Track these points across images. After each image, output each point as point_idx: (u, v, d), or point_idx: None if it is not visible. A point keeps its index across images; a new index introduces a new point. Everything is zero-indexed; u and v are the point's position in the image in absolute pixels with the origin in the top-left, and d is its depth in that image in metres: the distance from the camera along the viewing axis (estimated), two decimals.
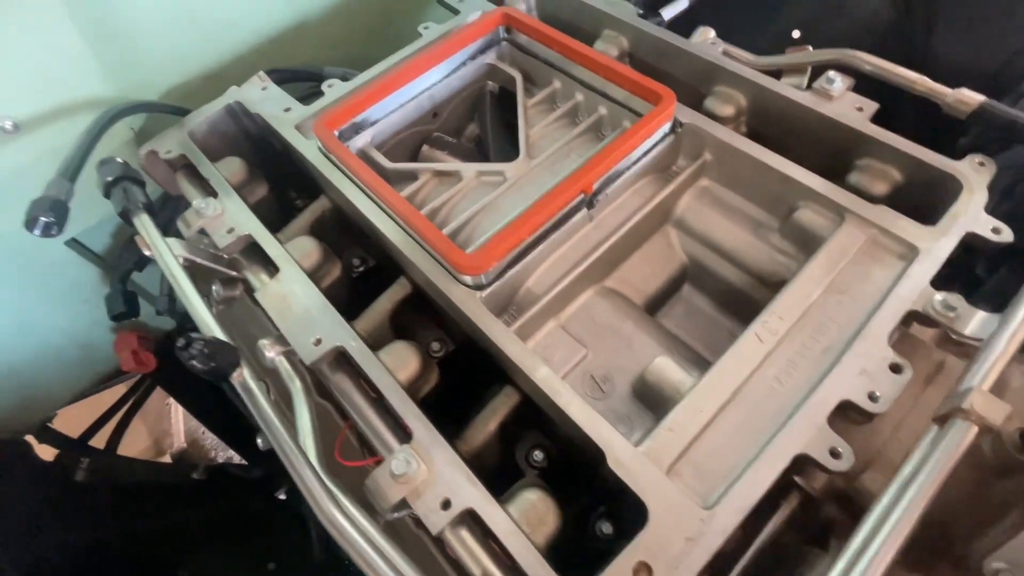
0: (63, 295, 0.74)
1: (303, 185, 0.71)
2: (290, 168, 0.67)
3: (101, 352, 0.82)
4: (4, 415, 0.78)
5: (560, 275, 0.51)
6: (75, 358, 0.81)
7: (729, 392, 0.40)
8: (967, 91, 0.51)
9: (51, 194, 0.45)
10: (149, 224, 0.49)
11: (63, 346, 0.78)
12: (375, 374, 0.44)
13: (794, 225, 0.51)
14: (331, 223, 0.65)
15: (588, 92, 0.63)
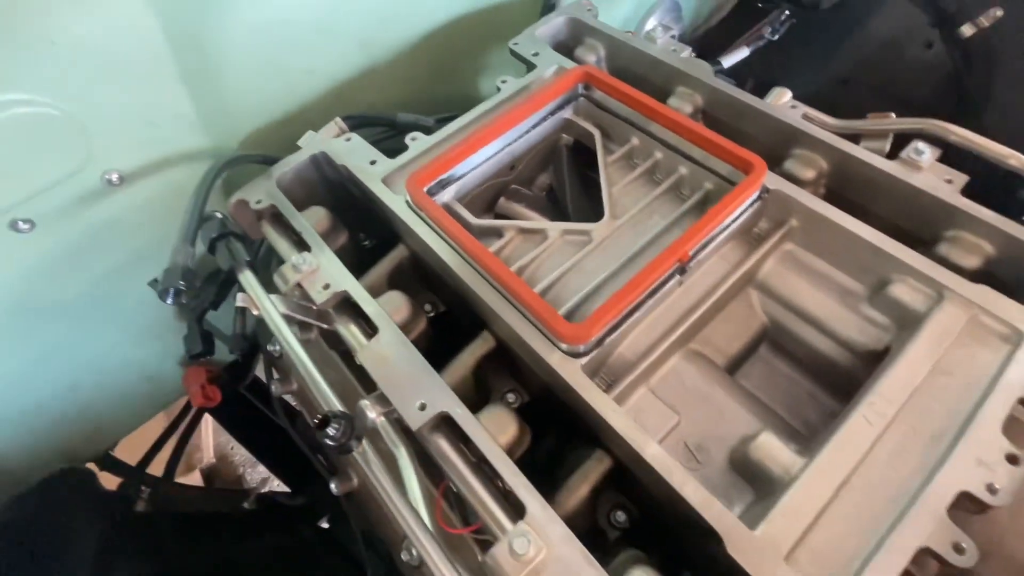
0: (140, 332, 0.76)
1: (374, 228, 0.72)
2: (365, 213, 0.69)
3: (168, 385, 0.84)
4: (71, 445, 0.80)
5: (652, 341, 0.52)
6: (143, 391, 0.82)
7: (842, 476, 0.40)
8: None
9: (179, 262, 0.47)
10: (254, 282, 0.51)
11: (133, 380, 0.80)
12: (480, 440, 0.45)
13: (888, 298, 0.51)
14: (408, 270, 0.67)
15: (667, 151, 0.64)
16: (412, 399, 0.47)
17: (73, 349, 0.69)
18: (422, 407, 0.46)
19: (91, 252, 0.62)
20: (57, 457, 0.79)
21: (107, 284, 0.66)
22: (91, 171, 0.55)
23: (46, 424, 0.74)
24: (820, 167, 0.61)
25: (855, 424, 0.43)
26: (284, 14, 0.67)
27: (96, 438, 0.82)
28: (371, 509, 0.62)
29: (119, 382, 0.79)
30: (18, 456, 0.75)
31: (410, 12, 0.80)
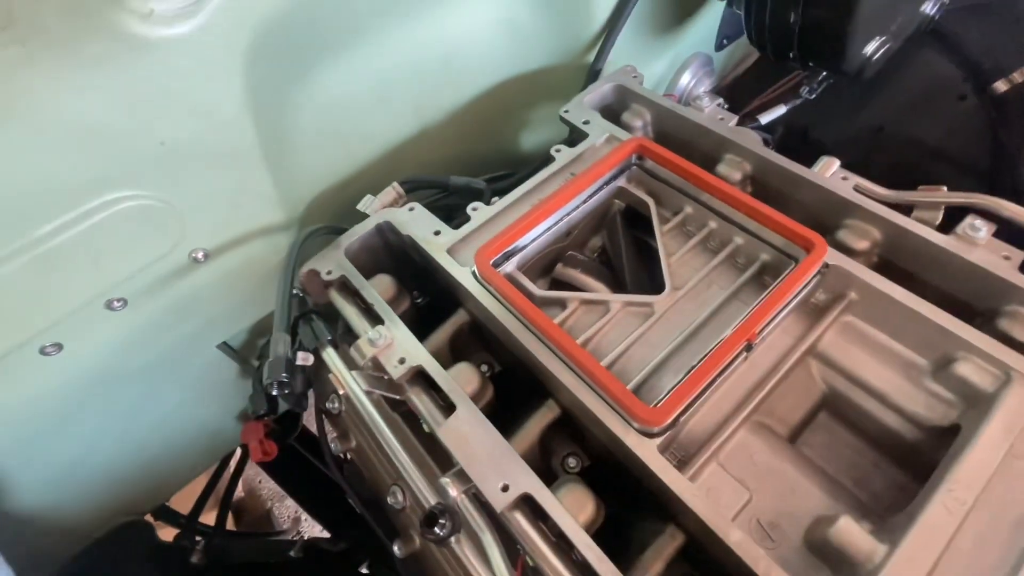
0: (205, 392, 0.78)
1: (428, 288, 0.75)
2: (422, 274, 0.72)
3: (226, 439, 0.87)
4: (133, 499, 0.82)
5: (721, 417, 0.53)
6: (203, 446, 0.85)
7: (928, 567, 0.41)
8: None
9: (281, 353, 0.50)
10: (337, 360, 0.53)
11: (195, 436, 0.83)
12: (563, 521, 0.46)
13: (954, 376, 0.52)
14: (466, 333, 0.69)
15: (721, 221, 0.66)
16: (494, 479, 0.49)
17: (144, 411, 0.72)
18: (504, 488, 0.48)
19: (172, 323, 0.65)
20: (119, 511, 0.81)
21: (181, 350, 0.69)
22: (180, 251, 0.59)
23: (112, 482, 0.77)
24: (874, 238, 0.63)
25: (935, 512, 0.43)
26: (347, 90, 0.71)
27: (157, 491, 0.85)
28: (437, 573, 0.63)
29: (182, 439, 0.81)
30: (84, 512, 0.77)
31: (460, 78, 0.84)
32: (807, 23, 0.68)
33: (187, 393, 0.76)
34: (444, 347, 0.68)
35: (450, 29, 0.79)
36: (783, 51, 0.76)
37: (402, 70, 0.78)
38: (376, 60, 0.73)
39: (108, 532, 0.80)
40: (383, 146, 0.84)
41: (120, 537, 0.82)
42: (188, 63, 0.47)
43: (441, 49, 0.80)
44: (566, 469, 0.61)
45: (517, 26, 0.83)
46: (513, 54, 0.87)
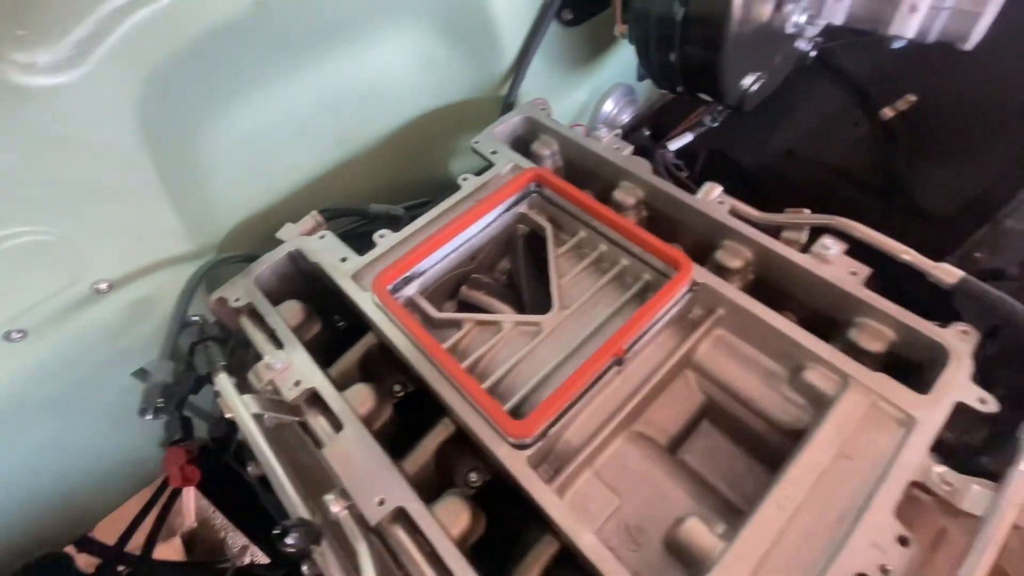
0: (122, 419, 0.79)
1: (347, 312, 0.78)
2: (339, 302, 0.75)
3: (148, 466, 0.87)
4: (53, 531, 0.82)
5: (594, 428, 0.57)
6: (124, 474, 0.85)
7: (756, 560, 0.45)
8: (947, 266, 0.59)
9: (159, 379, 0.52)
10: (228, 385, 0.56)
11: (114, 463, 0.83)
12: (432, 534, 0.49)
13: (803, 382, 0.57)
14: (376, 355, 0.72)
15: (610, 245, 0.71)
16: (371, 495, 0.51)
17: (60, 441, 0.73)
18: (381, 502, 0.51)
19: (79, 353, 0.66)
20: (37, 543, 0.80)
21: (94, 380, 0.70)
22: (82, 283, 0.61)
23: (29, 515, 0.76)
24: (747, 257, 0.68)
25: (768, 510, 0.47)
26: (264, 125, 0.75)
27: (78, 521, 0.84)
28: None
29: (102, 467, 0.82)
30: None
31: (380, 112, 0.89)
32: (685, 62, 0.75)
33: (103, 422, 0.77)
34: (353, 369, 0.70)
35: (368, 65, 0.83)
36: (672, 85, 0.82)
37: (321, 105, 0.82)
38: (293, 96, 0.77)
39: (24, 566, 0.80)
40: (306, 177, 0.88)
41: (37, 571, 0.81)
42: (76, 108, 0.50)
43: (360, 84, 0.85)
44: (468, 484, 0.64)
45: (433, 61, 0.88)
46: (432, 88, 0.92)
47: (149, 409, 0.50)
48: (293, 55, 0.72)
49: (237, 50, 0.62)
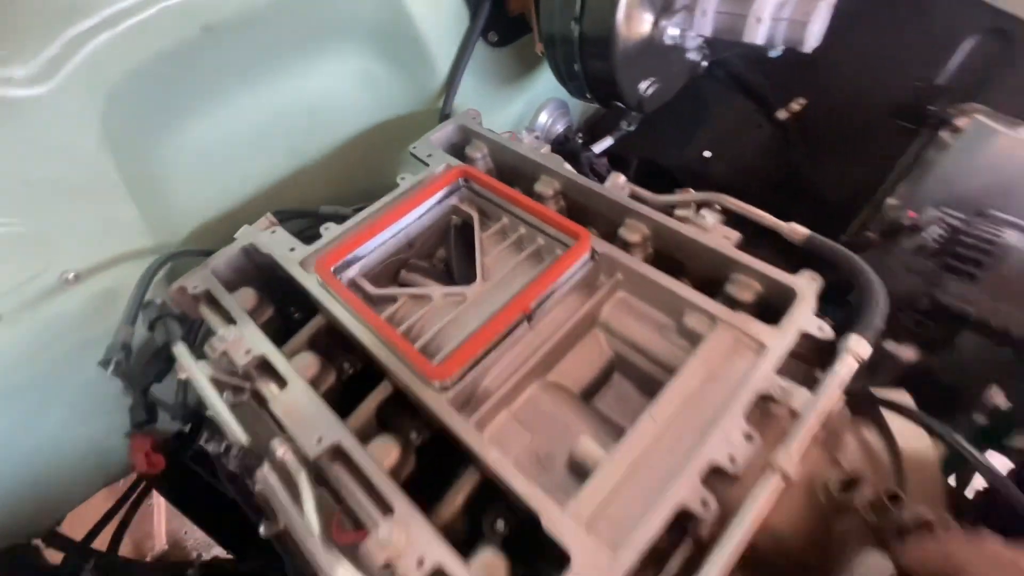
0: (89, 409, 0.85)
1: (301, 303, 0.86)
2: (292, 291, 0.83)
3: (115, 457, 0.92)
4: (16, 521, 0.86)
5: (508, 374, 0.66)
6: (90, 464, 0.90)
7: (630, 463, 0.54)
8: (796, 225, 0.71)
9: (120, 339, 0.59)
10: (186, 352, 0.63)
11: (80, 454, 0.88)
12: (364, 463, 0.57)
13: (684, 327, 0.68)
14: (326, 336, 0.80)
15: (528, 227, 0.81)
16: (312, 435, 0.59)
17: (26, 429, 0.78)
18: (319, 440, 0.59)
19: (47, 341, 0.73)
20: (2, 535, 0.84)
21: (61, 368, 0.77)
22: (51, 273, 0.68)
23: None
24: (644, 232, 0.79)
25: (643, 423, 0.57)
26: (219, 136, 0.84)
27: (43, 514, 0.88)
28: (295, 548, 0.71)
29: (68, 458, 0.86)
30: None
31: (327, 125, 0.99)
32: (586, 72, 0.87)
33: (70, 411, 0.82)
34: (303, 347, 0.78)
35: (313, 83, 0.94)
36: (583, 93, 0.95)
37: (272, 120, 0.92)
38: (245, 111, 0.87)
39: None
40: (261, 184, 0.97)
41: (3, 561, 0.85)
42: (46, 116, 0.58)
43: (308, 101, 0.95)
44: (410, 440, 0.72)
45: (373, 79, 0.99)
46: (373, 103, 1.03)
47: (110, 363, 0.57)
48: (242, 75, 0.82)
49: (188, 70, 0.72)
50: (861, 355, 0.57)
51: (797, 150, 1.20)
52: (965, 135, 0.85)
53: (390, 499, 0.54)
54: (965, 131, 0.85)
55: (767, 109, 1.21)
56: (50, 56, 0.56)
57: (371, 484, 0.56)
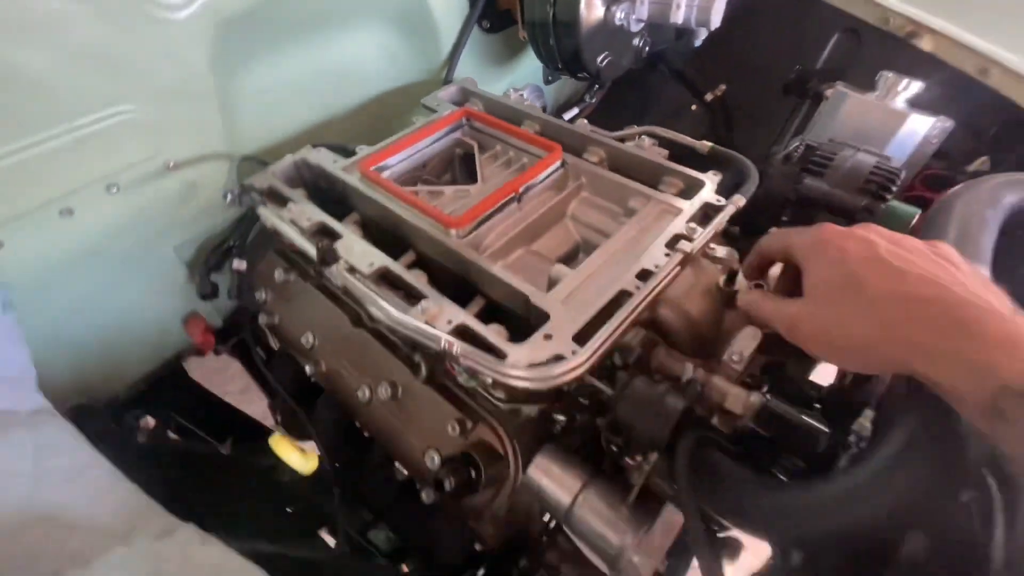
0: (158, 288, 1.05)
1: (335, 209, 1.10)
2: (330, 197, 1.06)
3: (169, 338, 1.11)
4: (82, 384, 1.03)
5: (503, 235, 0.91)
6: (151, 341, 1.09)
7: (589, 273, 0.80)
8: (704, 142, 1.00)
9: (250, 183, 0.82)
10: (269, 212, 0.86)
11: (144, 330, 1.07)
12: (405, 275, 0.81)
13: (628, 209, 0.95)
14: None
15: (516, 150, 1.09)
16: (364, 262, 0.82)
17: (113, 292, 0.98)
18: (371, 264, 0.82)
19: (146, 217, 0.94)
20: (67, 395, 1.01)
21: (147, 243, 0.97)
22: (159, 158, 0.90)
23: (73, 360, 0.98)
24: (601, 155, 1.07)
25: (598, 252, 0.83)
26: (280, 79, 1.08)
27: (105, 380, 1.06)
28: (342, 388, 0.93)
29: (134, 332, 1.05)
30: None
31: (355, 84, 1.24)
32: (559, 47, 1.17)
33: (146, 287, 1.02)
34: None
35: (345, 49, 1.20)
36: (555, 65, 1.24)
37: (313, 74, 1.17)
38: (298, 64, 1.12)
39: (65, 411, 1.00)
40: (300, 125, 1.21)
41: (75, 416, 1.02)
42: (180, 35, 0.82)
43: (339, 62, 1.21)
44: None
45: (391, 51, 1.27)
46: (390, 70, 1.29)
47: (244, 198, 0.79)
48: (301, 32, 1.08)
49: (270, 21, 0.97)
50: (738, 204, 0.85)
51: (721, 123, 1.53)
52: (831, 100, 1.18)
53: (425, 292, 0.77)
54: (830, 98, 1.19)
55: (698, 93, 1.55)
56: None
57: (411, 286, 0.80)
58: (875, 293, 0.43)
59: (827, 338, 0.49)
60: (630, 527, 0.72)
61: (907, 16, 1.17)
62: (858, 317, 0.44)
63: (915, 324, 0.41)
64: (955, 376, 0.38)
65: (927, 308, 0.40)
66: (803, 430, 0.69)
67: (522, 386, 0.64)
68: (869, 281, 0.44)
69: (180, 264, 1.05)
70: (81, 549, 0.60)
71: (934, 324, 0.40)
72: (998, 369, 0.36)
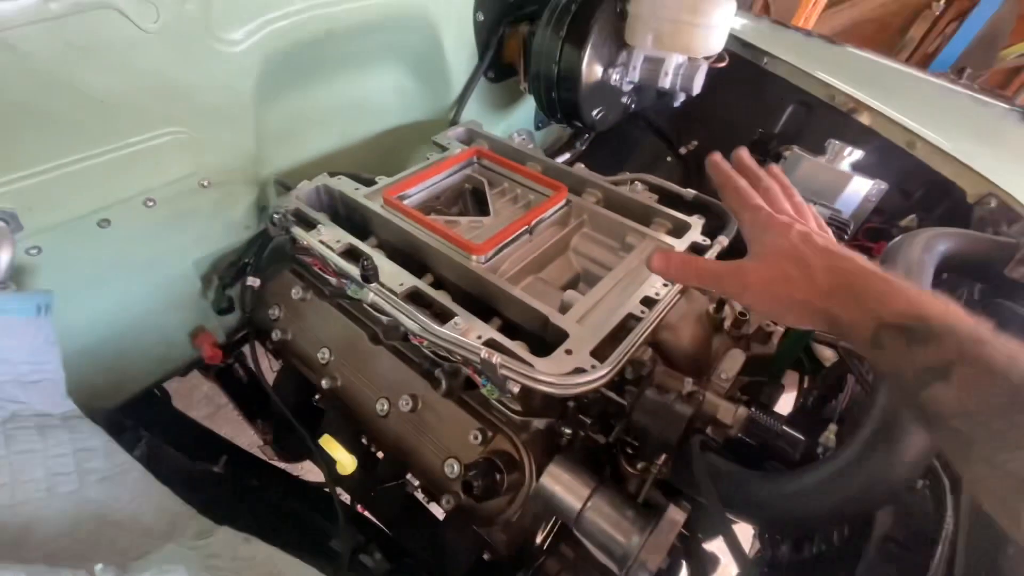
0: (175, 301, 1.07)
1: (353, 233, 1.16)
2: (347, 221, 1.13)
3: (177, 351, 1.12)
4: (94, 390, 1.02)
5: (517, 263, 1.01)
6: (159, 354, 1.10)
7: (599, 299, 0.90)
8: (689, 189, 1.15)
9: (279, 205, 0.88)
10: (300, 230, 0.92)
11: (156, 340, 1.08)
12: (433, 294, 0.88)
13: (625, 244, 1.07)
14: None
15: (523, 187, 1.20)
16: (395, 282, 0.89)
17: (133, 302, 0.99)
18: (401, 284, 0.89)
19: (175, 231, 0.98)
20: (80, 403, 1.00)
21: (172, 256, 1.00)
22: (196, 176, 0.95)
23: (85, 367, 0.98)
24: (598, 196, 1.20)
25: (606, 279, 0.94)
26: (307, 109, 1.16)
27: (113, 390, 1.05)
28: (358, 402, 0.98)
29: (148, 340, 1.06)
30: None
31: (371, 117, 1.34)
32: (560, 99, 1.31)
33: (163, 298, 1.04)
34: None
35: (365, 86, 1.29)
36: (555, 114, 1.39)
37: (336, 107, 1.25)
38: (324, 97, 1.20)
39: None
40: (319, 151, 1.28)
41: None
42: (232, 66, 0.89)
43: (359, 98, 1.30)
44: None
45: (406, 91, 1.37)
46: (403, 108, 1.40)
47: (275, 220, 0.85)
48: (331, 70, 1.17)
49: (306, 58, 1.06)
50: (723, 243, 0.99)
51: (693, 174, 1.71)
52: (788, 160, 1.37)
53: (455, 310, 0.85)
54: (787, 158, 1.38)
55: (673, 147, 1.74)
56: (248, 29, 0.88)
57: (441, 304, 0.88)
58: (815, 264, 0.57)
59: (770, 291, 0.60)
60: (635, 527, 0.79)
61: (849, 95, 1.40)
62: (801, 281, 0.57)
63: (836, 287, 0.55)
64: (855, 320, 0.52)
65: (844, 276, 0.55)
66: (784, 438, 0.80)
67: (555, 393, 0.72)
68: (809, 255, 0.57)
69: (196, 278, 1.08)
70: (129, 546, 0.62)
71: (848, 286, 0.54)
72: (880, 312, 0.50)
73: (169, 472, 1.12)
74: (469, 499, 0.79)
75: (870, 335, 0.51)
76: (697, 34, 1.19)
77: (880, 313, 0.51)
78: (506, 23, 1.41)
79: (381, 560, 1.17)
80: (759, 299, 0.62)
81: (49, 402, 0.75)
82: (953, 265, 0.85)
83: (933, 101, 1.43)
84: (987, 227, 1.11)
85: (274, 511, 1.22)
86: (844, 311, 0.54)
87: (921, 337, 0.47)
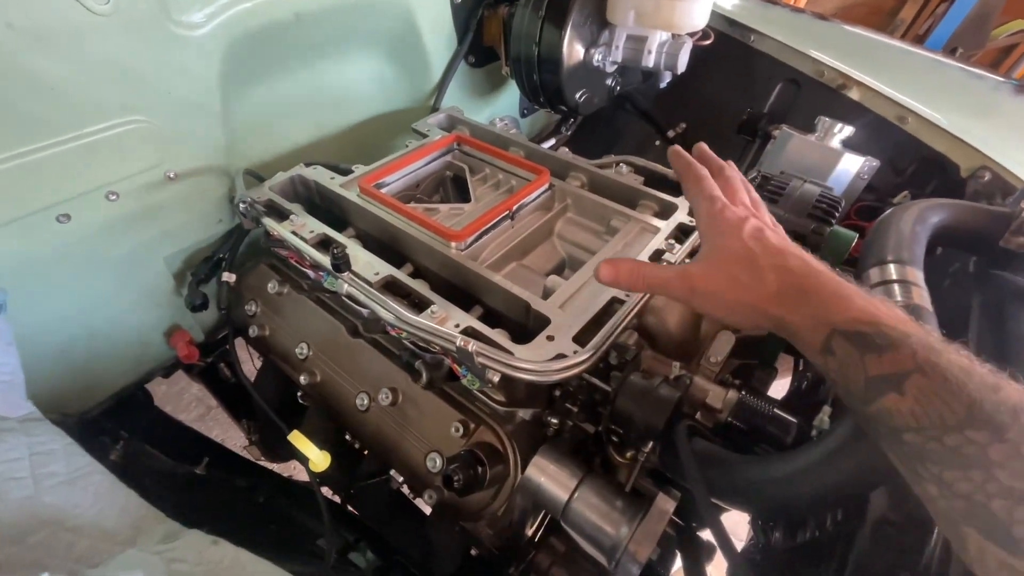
0: (147, 299, 1.03)
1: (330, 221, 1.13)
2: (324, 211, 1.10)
3: (153, 351, 1.09)
4: (65, 393, 0.99)
5: (498, 249, 0.97)
6: (133, 353, 1.06)
7: (582, 284, 0.87)
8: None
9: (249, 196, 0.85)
10: (272, 221, 0.89)
11: (129, 340, 1.05)
12: (410, 283, 0.85)
13: (610, 227, 1.04)
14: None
15: (504, 173, 1.16)
16: (370, 272, 0.86)
17: (101, 301, 0.96)
18: (376, 273, 0.86)
19: (141, 225, 0.94)
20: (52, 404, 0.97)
21: (140, 253, 0.97)
22: (161, 168, 0.92)
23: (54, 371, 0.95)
24: (582, 180, 1.16)
25: (589, 264, 0.91)
26: (279, 98, 1.12)
27: (84, 393, 1.02)
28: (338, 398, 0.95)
29: (120, 340, 1.02)
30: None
31: (348, 106, 1.30)
32: (542, 82, 1.28)
33: (134, 297, 1.00)
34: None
35: (342, 73, 1.25)
36: (538, 98, 1.35)
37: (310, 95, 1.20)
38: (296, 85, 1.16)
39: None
40: (295, 143, 1.24)
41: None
42: (194, 50, 0.85)
43: (335, 86, 1.26)
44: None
45: (384, 78, 1.33)
46: (381, 96, 1.36)
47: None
48: (302, 56, 1.12)
49: (274, 43, 1.02)
50: None
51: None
52: (778, 139, 1.34)
53: (432, 299, 0.82)
54: (777, 137, 1.34)
55: (661, 130, 1.70)
56: (209, 12, 0.85)
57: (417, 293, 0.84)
58: (764, 264, 0.54)
59: (718, 296, 0.57)
60: (624, 518, 0.77)
61: (838, 70, 1.36)
62: (751, 282, 0.55)
63: (786, 288, 0.52)
64: (805, 324, 0.50)
65: (794, 277, 0.52)
66: (776, 421, 0.77)
67: (533, 379, 0.69)
68: (759, 255, 0.55)
69: (168, 275, 1.04)
70: (89, 552, 0.59)
71: (798, 288, 0.52)
72: (831, 318, 0.48)
73: (149, 474, 1.09)
74: (451, 493, 0.76)
75: (821, 341, 0.48)
76: (679, 8, 1.15)
77: (831, 318, 0.48)
78: (485, 4, 1.37)
79: (373, 559, 1.14)
80: (707, 304, 0.60)
81: (6, 405, 0.72)
82: (947, 237, 0.82)
83: (924, 75, 1.40)
84: (981, 200, 1.08)
85: (261, 511, 1.19)
86: (794, 314, 0.51)
87: (875, 344, 0.44)
